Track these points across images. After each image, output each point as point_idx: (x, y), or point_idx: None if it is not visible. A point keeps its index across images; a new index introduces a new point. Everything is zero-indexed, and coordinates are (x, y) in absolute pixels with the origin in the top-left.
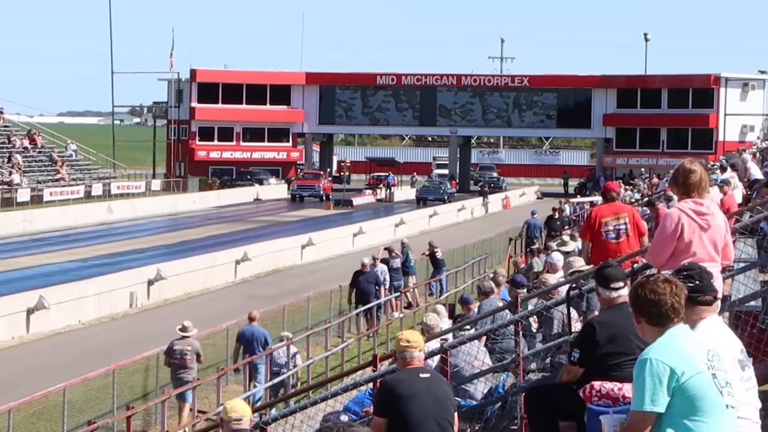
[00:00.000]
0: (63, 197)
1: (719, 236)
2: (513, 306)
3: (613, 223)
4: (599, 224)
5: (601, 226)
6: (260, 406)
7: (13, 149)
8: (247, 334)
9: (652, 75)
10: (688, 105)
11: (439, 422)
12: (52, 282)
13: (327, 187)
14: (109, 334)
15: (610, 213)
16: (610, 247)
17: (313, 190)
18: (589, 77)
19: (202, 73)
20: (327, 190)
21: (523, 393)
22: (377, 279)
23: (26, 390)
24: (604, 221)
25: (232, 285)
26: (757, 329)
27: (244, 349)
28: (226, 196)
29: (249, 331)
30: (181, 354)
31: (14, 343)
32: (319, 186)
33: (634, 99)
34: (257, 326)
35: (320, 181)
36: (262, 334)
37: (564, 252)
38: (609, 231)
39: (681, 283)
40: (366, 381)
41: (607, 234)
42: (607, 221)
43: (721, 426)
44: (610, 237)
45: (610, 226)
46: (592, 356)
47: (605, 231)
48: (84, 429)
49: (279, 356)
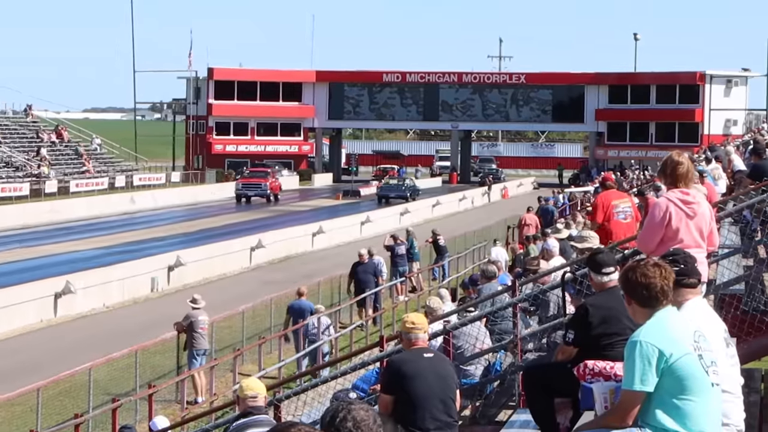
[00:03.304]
0: (88, 188)
1: (705, 224)
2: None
3: (622, 206)
4: (611, 206)
5: (613, 208)
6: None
7: (42, 143)
8: (296, 307)
9: (642, 72)
10: (675, 100)
11: (443, 399)
12: (78, 268)
13: (275, 185)
14: (132, 316)
15: (617, 197)
16: (621, 226)
17: (259, 189)
18: (582, 74)
19: (219, 72)
20: (275, 189)
21: (521, 371)
22: (375, 269)
23: (54, 369)
24: (614, 204)
25: (247, 270)
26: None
27: (293, 320)
28: None
29: (297, 305)
30: (203, 323)
31: (43, 325)
32: (266, 185)
33: (625, 95)
34: (305, 300)
35: (267, 180)
36: (308, 306)
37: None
38: (619, 212)
39: (669, 267)
40: (373, 360)
41: (618, 215)
42: (617, 204)
43: (707, 403)
44: (620, 218)
45: (620, 207)
46: (585, 337)
47: (617, 212)
48: (108, 406)
49: (315, 326)
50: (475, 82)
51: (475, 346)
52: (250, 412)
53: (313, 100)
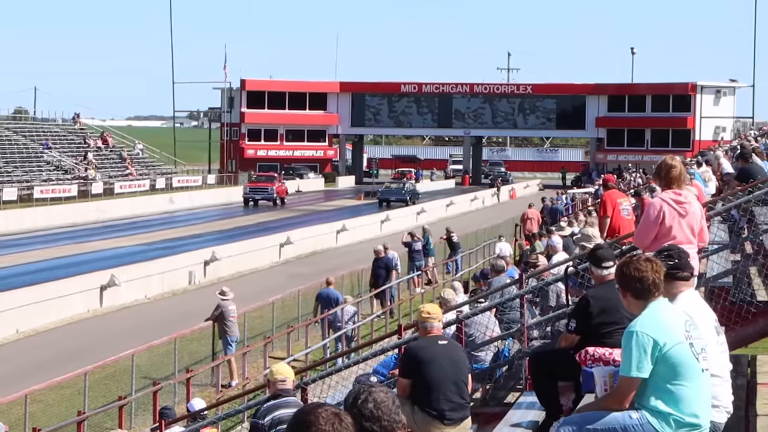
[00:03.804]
0: (131, 190)
1: (696, 222)
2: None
3: (625, 203)
4: (617, 204)
5: (618, 205)
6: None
7: (88, 149)
8: (324, 295)
9: (638, 83)
10: (669, 109)
11: (456, 382)
12: (121, 263)
13: (281, 189)
14: (171, 307)
15: (619, 196)
16: (624, 222)
17: (265, 193)
18: (583, 85)
19: (251, 83)
20: (281, 193)
21: (527, 357)
22: (387, 264)
23: (100, 355)
24: (619, 201)
25: (276, 265)
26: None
27: (321, 307)
28: None
29: (325, 293)
30: (233, 313)
31: (89, 315)
32: (272, 189)
33: (623, 104)
34: (332, 289)
35: (273, 184)
36: (335, 295)
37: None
38: (623, 209)
39: (660, 262)
40: (392, 347)
41: (623, 212)
42: (621, 201)
43: (697, 387)
44: (624, 214)
45: (624, 205)
46: (586, 326)
47: (622, 209)
48: (150, 389)
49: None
50: (486, 92)
51: (486, 334)
52: (280, 394)
53: (337, 109)
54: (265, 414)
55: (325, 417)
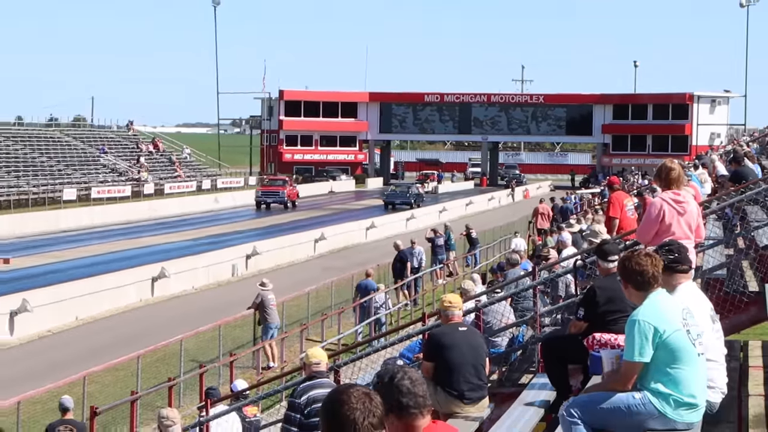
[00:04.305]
0: (179, 190)
1: (693, 219)
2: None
3: (629, 204)
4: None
5: (625, 205)
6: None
7: (141, 153)
8: (362, 285)
9: (640, 93)
10: (669, 117)
11: (475, 365)
12: (171, 256)
13: (292, 193)
14: (216, 297)
15: (624, 197)
16: (629, 221)
17: (277, 196)
18: (590, 95)
19: (288, 93)
20: (292, 196)
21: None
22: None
23: (151, 340)
24: (625, 202)
25: (311, 258)
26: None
27: (360, 296)
28: (307, 190)
29: (364, 284)
30: (272, 301)
31: (141, 304)
32: (284, 192)
33: (626, 112)
34: (371, 280)
35: (285, 188)
36: (373, 286)
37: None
38: (627, 210)
39: (658, 257)
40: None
41: (629, 211)
42: (626, 202)
43: (694, 370)
44: (629, 213)
45: (629, 205)
46: (593, 314)
47: (628, 209)
48: (196, 371)
49: (377, 300)
50: (502, 101)
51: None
52: (314, 376)
53: (366, 117)
54: (301, 394)
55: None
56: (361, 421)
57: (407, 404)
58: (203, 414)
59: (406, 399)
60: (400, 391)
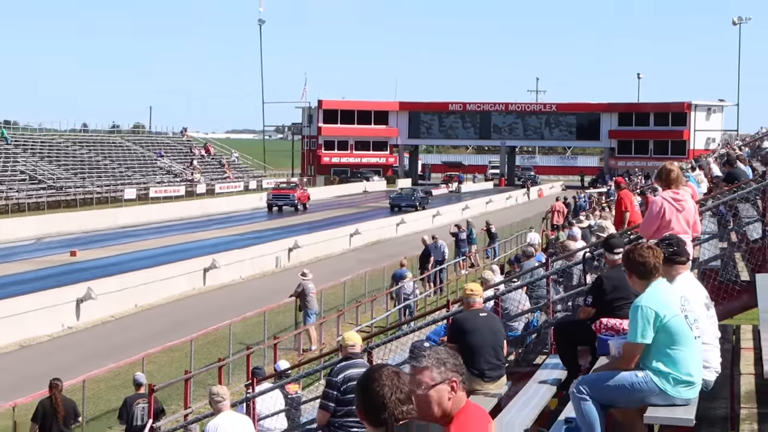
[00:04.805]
0: (228, 190)
1: (690, 216)
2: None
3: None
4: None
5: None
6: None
7: (194, 156)
8: (397, 275)
9: (643, 102)
10: (669, 123)
11: (494, 347)
12: (220, 249)
13: (302, 196)
14: (261, 286)
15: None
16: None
17: (287, 199)
18: (598, 104)
19: (327, 103)
20: (303, 199)
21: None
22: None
23: (203, 325)
24: (633, 200)
25: (347, 251)
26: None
27: (395, 283)
28: (343, 189)
29: (399, 273)
30: (312, 290)
31: (194, 292)
32: (294, 195)
33: (630, 119)
34: (405, 269)
35: (295, 191)
36: (407, 274)
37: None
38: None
39: (659, 249)
40: (442, 318)
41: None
42: (633, 199)
43: (691, 352)
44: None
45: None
46: (601, 301)
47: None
48: (244, 353)
49: (407, 288)
50: (518, 110)
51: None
52: (350, 357)
53: (396, 124)
54: (338, 373)
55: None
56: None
57: (451, 364)
58: (250, 391)
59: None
60: (447, 353)
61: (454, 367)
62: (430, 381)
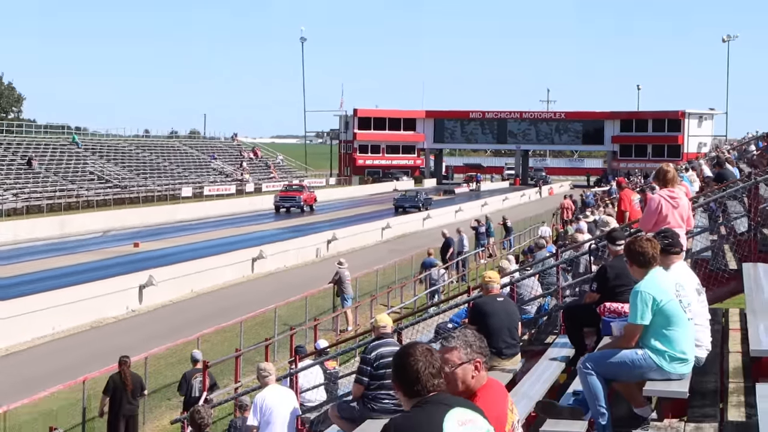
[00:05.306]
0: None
1: (684, 212)
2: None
3: (636, 198)
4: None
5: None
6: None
7: (243, 159)
8: (427, 263)
9: (642, 111)
10: (665, 130)
11: (510, 329)
12: (267, 241)
13: (309, 198)
14: (303, 274)
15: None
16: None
17: (294, 201)
18: (602, 113)
19: (361, 111)
20: (309, 200)
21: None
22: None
23: (251, 309)
24: (633, 198)
25: (379, 243)
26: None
27: (423, 271)
28: (376, 188)
29: (428, 261)
30: (348, 277)
31: (243, 280)
32: (300, 197)
33: (631, 126)
34: (433, 258)
35: (302, 193)
36: (435, 261)
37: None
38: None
39: (657, 241)
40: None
41: (636, 204)
42: (633, 197)
43: (685, 332)
44: (636, 206)
45: (636, 200)
46: (604, 287)
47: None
48: (287, 333)
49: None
50: (531, 118)
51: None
52: (382, 336)
53: (423, 130)
54: (371, 351)
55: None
56: (423, 370)
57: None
58: (293, 367)
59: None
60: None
61: (480, 348)
62: (457, 360)
